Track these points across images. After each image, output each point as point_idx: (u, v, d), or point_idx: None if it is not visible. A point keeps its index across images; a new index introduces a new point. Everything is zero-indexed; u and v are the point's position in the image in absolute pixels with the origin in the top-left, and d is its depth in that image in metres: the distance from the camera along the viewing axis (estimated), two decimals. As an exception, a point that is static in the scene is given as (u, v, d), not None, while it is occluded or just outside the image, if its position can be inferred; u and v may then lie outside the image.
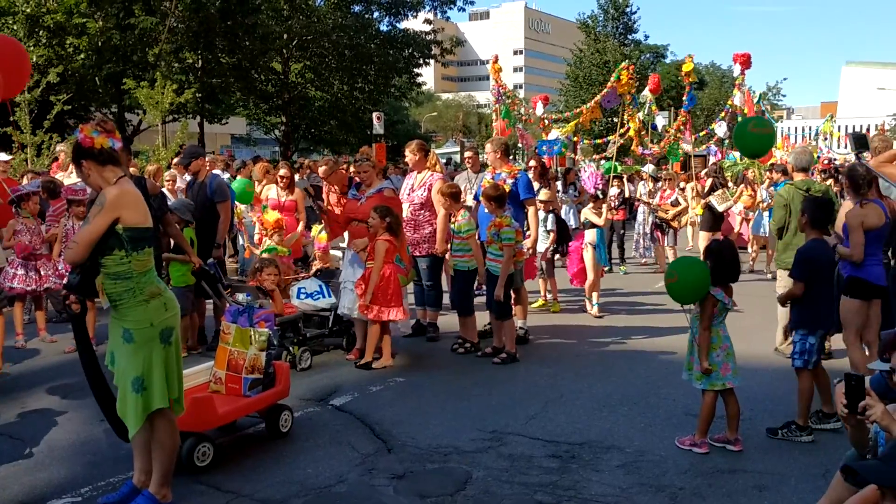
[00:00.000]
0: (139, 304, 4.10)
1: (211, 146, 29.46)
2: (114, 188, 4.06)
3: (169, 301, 4.23)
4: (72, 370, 7.08)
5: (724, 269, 5.14)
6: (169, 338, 4.20)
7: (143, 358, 4.11)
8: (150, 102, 18.26)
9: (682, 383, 6.46)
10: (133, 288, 4.09)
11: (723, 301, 5.12)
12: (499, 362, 7.27)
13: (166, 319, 4.18)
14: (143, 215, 4.12)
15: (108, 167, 4.12)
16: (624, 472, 4.79)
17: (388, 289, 7.06)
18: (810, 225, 5.50)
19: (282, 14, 28.04)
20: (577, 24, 50.72)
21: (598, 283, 9.74)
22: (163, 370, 4.16)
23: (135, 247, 4.06)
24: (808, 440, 5.26)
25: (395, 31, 32.46)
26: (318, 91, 31.65)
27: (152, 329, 4.11)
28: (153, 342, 4.13)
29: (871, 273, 5.73)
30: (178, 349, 4.30)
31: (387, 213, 7.09)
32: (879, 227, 5.75)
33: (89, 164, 4.10)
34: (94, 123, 4.15)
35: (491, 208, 7.38)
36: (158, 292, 4.18)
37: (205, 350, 7.61)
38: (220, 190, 8.07)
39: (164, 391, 4.15)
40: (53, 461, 5.00)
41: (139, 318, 4.10)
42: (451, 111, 79.83)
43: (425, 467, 4.88)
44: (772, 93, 65.88)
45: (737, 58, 13.40)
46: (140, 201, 4.13)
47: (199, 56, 25.01)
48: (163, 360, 4.16)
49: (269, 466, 4.88)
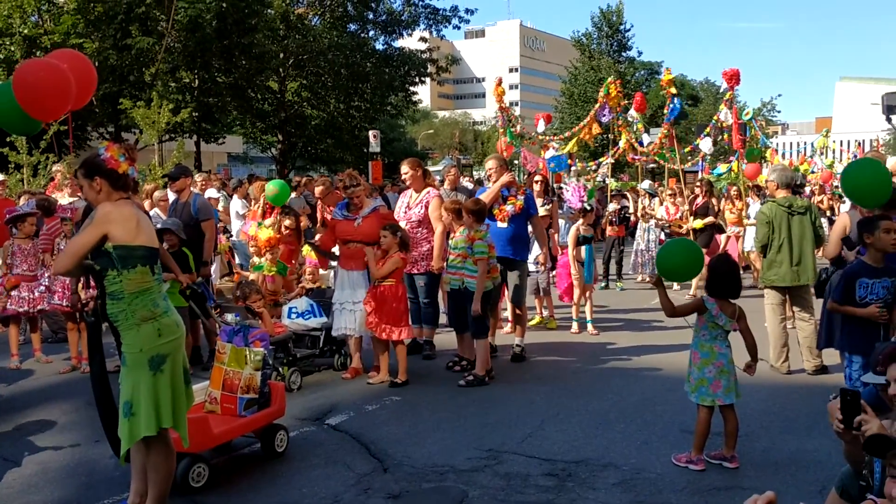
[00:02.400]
0: (130, 327, 4.07)
1: (208, 165, 29.44)
2: (108, 204, 4.10)
3: (165, 327, 4.13)
4: (67, 391, 7.08)
5: (719, 284, 5.15)
6: (160, 365, 4.09)
7: (132, 383, 4.08)
8: (147, 122, 18.31)
9: (679, 400, 6.47)
10: (125, 310, 4.06)
11: (711, 312, 5.12)
12: (464, 384, 7.12)
13: (159, 346, 4.09)
14: (132, 233, 4.09)
15: (118, 191, 4.19)
16: (620, 490, 4.77)
17: (401, 307, 7.10)
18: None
19: (278, 33, 28.18)
20: (572, 41, 50.98)
21: (583, 299, 9.72)
22: (151, 398, 4.06)
23: (124, 264, 4.05)
24: None
25: (390, 49, 32.62)
26: (314, 109, 31.75)
27: (141, 355, 4.06)
28: (141, 368, 4.07)
29: None
30: (174, 378, 4.18)
31: (398, 230, 7.17)
32: None
33: (103, 182, 4.15)
34: (122, 148, 4.24)
35: (469, 222, 7.38)
36: (152, 316, 4.09)
37: (199, 370, 7.58)
38: (205, 209, 8.24)
39: (151, 420, 4.05)
40: (48, 483, 4.97)
41: (130, 342, 4.08)
42: (448, 129, 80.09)
43: (421, 487, 4.85)
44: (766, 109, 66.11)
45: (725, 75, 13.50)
46: (130, 219, 4.11)
47: (195, 75, 25.10)
48: (151, 388, 4.07)
49: (264, 487, 4.86)
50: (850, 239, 6.47)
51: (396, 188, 16.13)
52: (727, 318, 5.13)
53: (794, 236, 7.49)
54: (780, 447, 5.49)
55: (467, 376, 7.23)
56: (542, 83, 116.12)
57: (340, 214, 7.61)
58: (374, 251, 7.12)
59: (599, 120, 15.48)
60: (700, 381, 5.13)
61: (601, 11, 47.68)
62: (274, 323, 7.25)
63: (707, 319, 5.15)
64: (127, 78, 21.90)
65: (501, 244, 7.80)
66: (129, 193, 4.28)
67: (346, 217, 7.53)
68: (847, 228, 6.61)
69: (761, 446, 5.50)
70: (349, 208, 7.57)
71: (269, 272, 8.62)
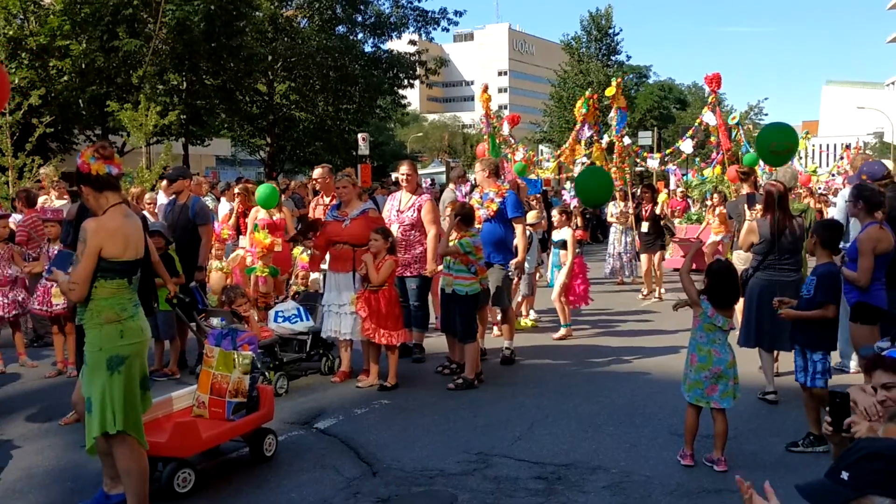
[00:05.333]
0: (93, 326, 4.10)
1: (196, 167, 29.26)
2: (92, 221, 4.10)
3: (128, 330, 4.13)
4: (51, 395, 7.01)
5: (720, 291, 5.14)
6: (118, 366, 4.08)
7: (89, 381, 4.13)
8: (134, 125, 18.21)
9: (668, 402, 6.50)
10: (91, 309, 4.10)
11: (706, 312, 5.12)
12: (453, 388, 7.11)
13: (119, 347, 4.10)
14: (121, 247, 4.11)
15: (104, 193, 4.17)
16: (610, 492, 4.77)
17: (396, 311, 7.07)
18: (821, 246, 5.43)
19: (266, 36, 28.12)
20: (561, 45, 51.17)
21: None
22: (104, 398, 4.06)
23: (105, 276, 4.07)
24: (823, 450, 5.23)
25: (379, 52, 32.60)
26: (302, 112, 31.69)
27: (100, 353, 4.08)
28: (100, 367, 4.08)
29: (876, 297, 5.66)
30: (129, 381, 4.14)
31: (388, 234, 7.14)
32: (888, 251, 5.66)
33: (87, 189, 4.16)
34: (93, 149, 4.17)
35: (453, 224, 7.38)
36: (117, 319, 4.10)
37: (187, 374, 7.54)
38: (202, 212, 8.05)
39: (103, 420, 4.05)
40: (32, 488, 4.92)
41: (91, 341, 4.11)
42: (438, 132, 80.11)
43: (410, 490, 4.83)
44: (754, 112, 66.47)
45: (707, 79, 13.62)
46: (118, 233, 4.11)
47: (183, 78, 25.00)
48: (104, 388, 4.06)
49: (252, 492, 4.82)
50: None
51: (385, 191, 16.09)
52: (724, 318, 5.14)
53: None
54: (769, 449, 5.50)
55: (457, 379, 7.21)
56: (531, 87, 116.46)
57: (332, 215, 7.60)
58: (370, 258, 7.02)
59: (580, 140, 15.54)
60: (696, 382, 5.14)
61: (590, 15, 47.90)
62: (260, 327, 7.20)
63: (703, 319, 5.15)
64: (114, 80, 21.78)
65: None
66: (119, 193, 4.26)
67: (335, 218, 7.51)
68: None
69: (750, 448, 5.51)
70: (340, 208, 7.55)
71: (262, 273, 8.59)
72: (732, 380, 5.15)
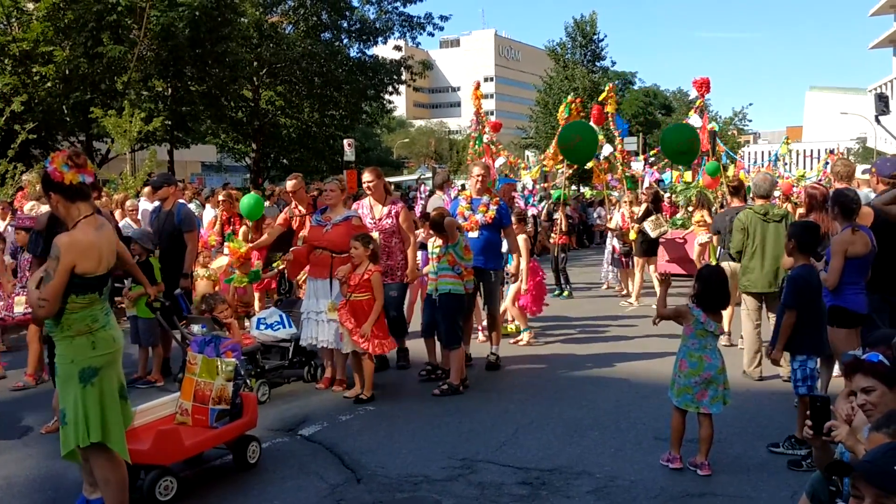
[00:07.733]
0: (64, 338, 4.01)
1: (181, 174, 29.14)
2: (65, 236, 3.95)
3: (100, 341, 4.04)
4: (32, 404, 6.93)
5: (709, 296, 5.15)
6: (90, 378, 4.00)
7: (62, 393, 4.05)
8: (119, 131, 18.10)
9: (652, 408, 6.52)
10: (61, 324, 3.99)
11: (698, 319, 5.14)
12: (438, 394, 7.08)
13: (91, 359, 4.01)
14: (94, 263, 3.99)
15: (76, 203, 4.01)
16: (594, 497, 4.77)
17: (382, 319, 6.99)
18: (798, 249, 5.43)
19: (251, 42, 28.05)
20: (546, 51, 51.31)
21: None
22: (77, 411, 3.98)
23: (76, 291, 3.96)
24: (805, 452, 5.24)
25: (364, 57, 32.58)
26: (288, 118, 31.62)
27: (72, 366, 3.99)
28: (72, 380, 4.00)
29: (851, 301, 5.67)
30: (105, 393, 4.06)
31: (370, 241, 6.96)
32: (864, 255, 5.67)
33: (57, 197, 4.00)
34: (65, 156, 3.99)
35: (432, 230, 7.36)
36: (88, 330, 4.00)
37: (170, 381, 7.48)
38: (188, 219, 7.95)
39: (77, 433, 3.98)
40: (12, 497, 4.87)
41: (62, 353, 4.03)
42: (424, 138, 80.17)
43: (395, 497, 4.81)
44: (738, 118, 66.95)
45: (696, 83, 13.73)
46: (92, 249, 3.98)
47: (168, 84, 24.89)
48: (78, 401, 3.98)
49: (236, 499, 4.79)
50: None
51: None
52: (716, 323, 5.17)
53: (768, 244, 7.60)
54: (753, 453, 5.52)
55: (442, 385, 7.19)
56: (516, 92, 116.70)
57: (316, 220, 7.54)
58: (348, 268, 6.91)
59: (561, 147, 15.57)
60: (686, 388, 5.14)
61: (575, 21, 48.00)
62: (242, 334, 7.15)
63: (695, 326, 5.17)
64: (98, 86, 21.63)
65: (473, 254, 7.78)
66: (91, 203, 4.11)
67: (319, 223, 7.45)
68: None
69: (734, 452, 5.53)
70: (325, 213, 7.50)
71: (241, 283, 8.54)
72: (722, 385, 5.17)
